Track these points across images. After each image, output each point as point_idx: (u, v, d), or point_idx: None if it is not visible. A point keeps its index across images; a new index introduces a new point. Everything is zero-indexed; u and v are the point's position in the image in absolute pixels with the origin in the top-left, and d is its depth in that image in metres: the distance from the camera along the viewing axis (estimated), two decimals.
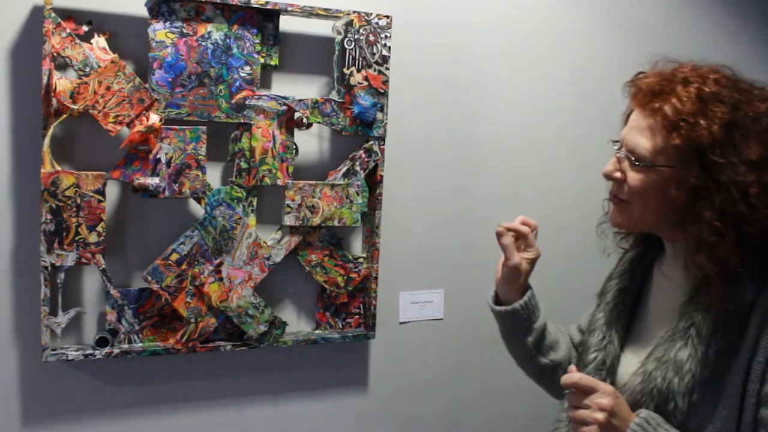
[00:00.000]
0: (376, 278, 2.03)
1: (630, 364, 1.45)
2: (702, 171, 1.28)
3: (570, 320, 2.21)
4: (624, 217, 1.42)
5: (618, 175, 1.39)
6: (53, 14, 1.65)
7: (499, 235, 1.57)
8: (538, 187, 2.27)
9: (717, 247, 1.28)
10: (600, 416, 1.29)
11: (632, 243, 1.59)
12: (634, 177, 1.36)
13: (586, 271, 2.29)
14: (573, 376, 1.34)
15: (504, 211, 2.25)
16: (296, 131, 1.93)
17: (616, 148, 1.41)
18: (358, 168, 1.98)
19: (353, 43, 1.92)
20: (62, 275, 1.74)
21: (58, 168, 1.70)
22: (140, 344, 1.83)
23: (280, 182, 1.90)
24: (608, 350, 1.48)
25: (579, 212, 2.28)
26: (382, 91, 1.96)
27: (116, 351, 1.78)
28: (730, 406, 1.31)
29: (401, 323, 2.17)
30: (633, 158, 1.35)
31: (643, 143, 1.34)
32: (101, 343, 1.78)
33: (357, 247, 2.08)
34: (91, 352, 1.76)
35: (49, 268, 1.70)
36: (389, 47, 1.96)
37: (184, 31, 1.77)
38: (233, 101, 1.83)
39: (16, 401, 1.78)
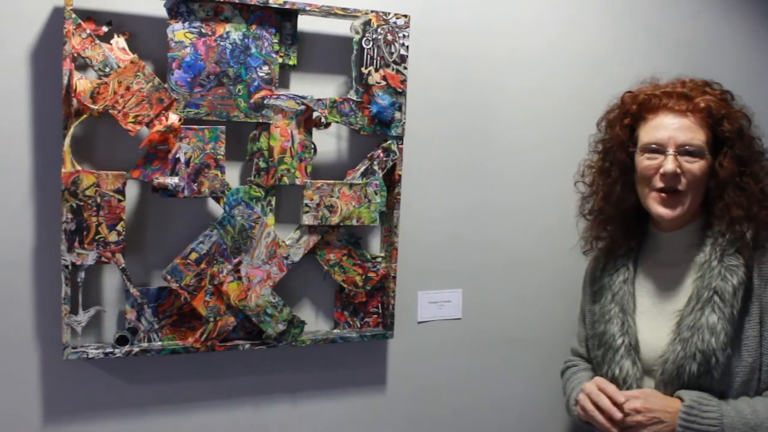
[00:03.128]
0: (394, 278, 2.03)
1: (653, 340, 1.74)
2: (746, 148, 1.70)
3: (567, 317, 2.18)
4: (681, 207, 1.70)
5: (679, 170, 1.67)
6: (74, 15, 1.66)
7: None
8: (555, 188, 2.26)
9: (762, 199, 1.69)
10: (638, 417, 1.62)
11: (610, 243, 1.90)
12: (692, 168, 1.68)
13: None
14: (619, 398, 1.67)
15: (522, 211, 2.25)
16: (314, 131, 1.93)
17: (668, 152, 1.68)
18: (376, 167, 1.98)
19: (371, 42, 1.92)
20: (83, 274, 1.75)
21: (79, 168, 1.71)
22: (159, 343, 1.84)
23: (298, 182, 1.91)
24: (630, 334, 1.76)
25: None
26: (400, 90, 1.96)
27: (136, 349, 1.79)
28: (753, 353, 1.65)
29: (419, 323, 2.17)
30: (690, 151, 1.67)
31: (697, 137, 1.68)
32: (121, 341, 1.79)
33: (375, 246, 2.08)
34: (111, 350, 1.77)
35: (70, 267, 1.72)
36: (407, 47, 1.95)
37: (203, 31, 1.78)
38: (252, 101, 1.84)
39: (38, 398, 1.79)
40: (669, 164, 1.67)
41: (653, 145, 1.72)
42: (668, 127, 1.70)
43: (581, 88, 2.26)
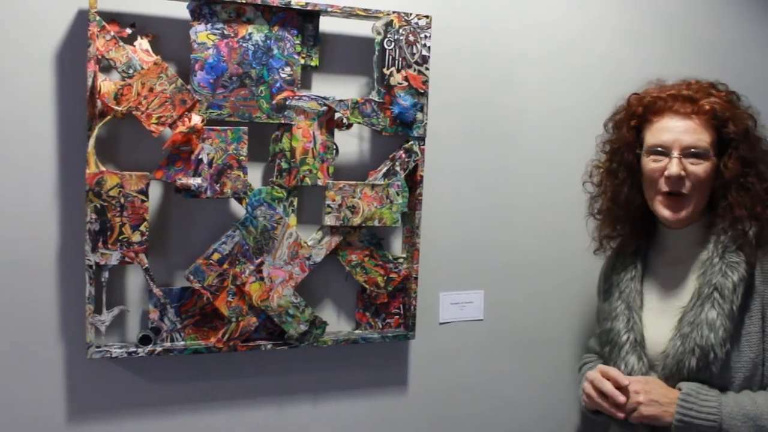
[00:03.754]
0: (416, 278, 2.03)
1: (657, 336, 1.77)
2: (751, 149, 1.71)
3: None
4: (686, 210, 1.73)
5: (683, 173, 1.69)
6: (98, 17, 1.68)
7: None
8: (577, 188, 2.23)
9: (764, 199, 1.71)
10: (639, 398, 1.66)
11: (621, 242, 1.94)
12: (697, 170, 1.70)
13: None
14: (620, 379, 1.71)
15: (544, 212, 2.24)
16: (336, 131, 1.93)
17: (673, 155, 1.71)
18: (398, 168, 1.97)
19: (393, 43, 1.92)
20: (106, 274, 1.77)
21: (103, 168, 1.73)
22: (182, 342, 1.85)
23: (320, 182, 1.91)
24: (636, 330, 1.80)
25: None
26: (422, 91, 1.96)
27: (159, 349, 1.81)
28: (755, 349, 1.67)
29: (441, 324, 2.16)
30: (697, 153, 1.69)
31: (702, 139, 1.70)
32: (144, 341, 1.80)
33: (397, 247, 2.08)
34: (134, 349, 1.79)
35: (94, 267, 1.73)
36: (429, 47, 1.95)
37: (225, 32, 1.79)
38: (274, 102, 1.84)
39: (62, 396, 1.81)
40: (673, 167, 1.70)
41: (658, 148, 1.74)
42: (673, 130, 1.72)
43: (602, 88, 2.25)
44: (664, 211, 1.76)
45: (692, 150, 1.70)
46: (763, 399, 1.64)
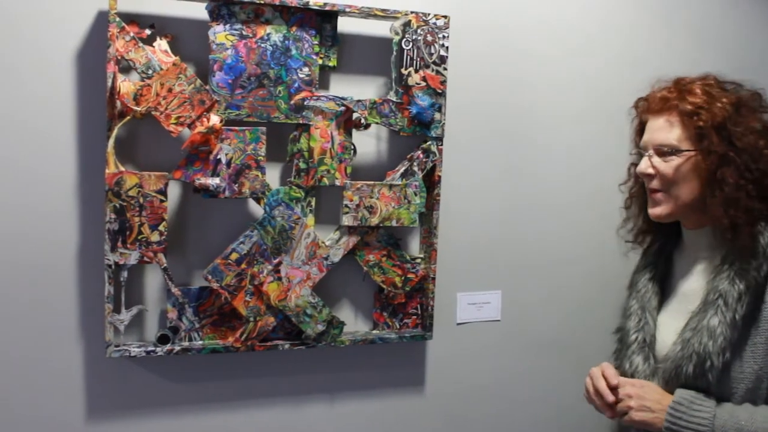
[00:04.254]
0: (433, 279, 2.02)
1: (667, 338, 1.72)
2: (723, 142, 1.60)
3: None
4: (663, 207, 1.70)
5: (651, 170, 1.68)
6: (117, 18, 1.68)
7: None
8: (595, 187, 2.23)
9: (741, 200, 1.59)
10: (630, 402, 1.64)
11: (651, 240, 1.90)
12: (666, 166, 1.66)
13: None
14: (611, 381, 1.70)
15: (562, 211, 2.23)
16: (354, 132, 1.93)
17: (647, 153, 1.70)
18: (416, 168, 1.97)
19: (411, 43, 1.92)
20: (125, 273, 1.77)
21: (122, 168, 1.73)
22: (200, 342, 1.86)
23: (338, 182, 1.91)
24: (646, 330, 1.77)
25: None
26: (440, 91, 1.95)
27: (177, 348, 1.81)
28: (759, 361, 1.60)
29: (458, 324, 2.16)
30: (663, 150, 1.66)
31: (669, 136, 1.66)
32: (162, 340, 1.81)
33: (415, 247, 2.08)
34: (153, 348, 1.80)
35: (113, 267, 1.74)
36: (447, 47, 1.95)
37: (244, 33, 1.79)
38: (292, 102, 1.84)
39: (81, 395, 1.82)
40: (641, 165, 1.71)
41: (640, 149, 1.77)
42: (649, 130, 1.72)
43: (619, 87, 2.23)
44: (649, 210, 1.75)
45: (661, 147, 1.67)
46: (761, 415, 1.58)
